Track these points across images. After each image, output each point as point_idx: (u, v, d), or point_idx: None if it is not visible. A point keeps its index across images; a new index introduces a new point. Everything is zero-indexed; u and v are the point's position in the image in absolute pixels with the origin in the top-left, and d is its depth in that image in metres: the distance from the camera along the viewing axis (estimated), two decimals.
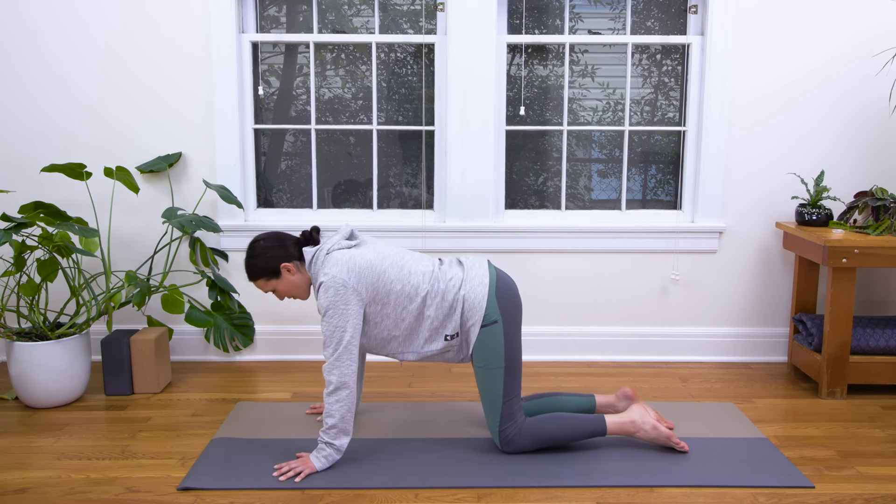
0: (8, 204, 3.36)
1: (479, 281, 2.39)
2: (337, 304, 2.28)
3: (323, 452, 2.34)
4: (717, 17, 3.26)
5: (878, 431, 2.70)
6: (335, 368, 2.29)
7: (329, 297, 2.28)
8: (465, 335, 2.40)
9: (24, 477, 2.33)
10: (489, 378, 2.39)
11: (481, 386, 2.42)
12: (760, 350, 3.50)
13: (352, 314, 2.30)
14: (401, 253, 2.43)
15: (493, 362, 2.38)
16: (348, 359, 2.29)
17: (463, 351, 2.44)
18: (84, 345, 2.94)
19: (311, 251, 2.41)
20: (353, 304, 2.30)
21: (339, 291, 2.28)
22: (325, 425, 2.33)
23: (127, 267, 3.43)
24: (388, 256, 2.38)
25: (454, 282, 2.39)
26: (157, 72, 3.28)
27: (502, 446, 2.45)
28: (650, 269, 3.45)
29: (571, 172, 3.51)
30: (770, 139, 3.37)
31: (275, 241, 2.42)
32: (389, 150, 3.48)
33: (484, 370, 2.40)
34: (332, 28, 3.38)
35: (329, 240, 2.41)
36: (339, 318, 2.29)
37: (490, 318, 2.37)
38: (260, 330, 3.47)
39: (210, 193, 3.37)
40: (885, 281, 3.46)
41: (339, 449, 2.34)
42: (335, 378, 2.29)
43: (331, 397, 2.31)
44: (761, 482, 2.29)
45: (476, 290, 2.37)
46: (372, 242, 2.45)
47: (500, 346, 2.38)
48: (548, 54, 3.42)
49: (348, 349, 2.29)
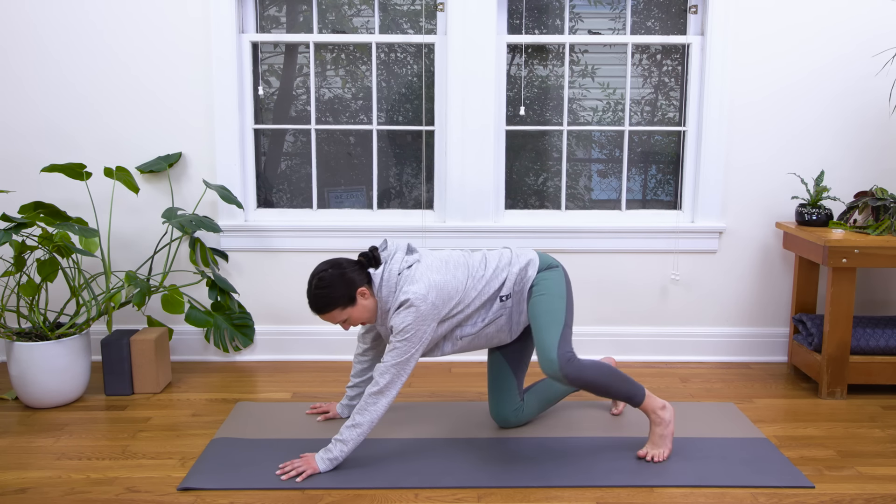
0: (8, 204, 3.37)
1: (526, 249, 2.55)
2: (419, 321, 2.29)
3: (331, 454, 2.32)
4: (717, 18, 3.26)
5: (878, 431, 2.70)
6: (388, 373, 2.30)
7: (412, 315, 2.29)
8: (516, 293, 2.44)
9: (24, 477, 2.33)
10: (550, 302, 2.40)
11: (541, 309, 2.39)
12: (760, 350, 3.50)
13: (427, 332, 2.32)
14: (461, 256, 2.49)
15: (558, 290, 2.42)
16: (405, 371, 2.32)
17: (514, 314, 2.46)
18: (84, 345, 2.94)
19: (378, 273, 2.37)
20: (431, 322, 2.32)
21: (420, 309, 2.29)
22: (351, 420, 2.32)
23: (127, 267, 3.43)
24: (457, 266, 2.44)
25: (505, 256, 2.49)
26: (157, 72, 3.28)
27: (563, 367, 2.30)
28: (650, 269, 3.45)
29: (571, 172, 3.51)
30: (770, 139, 3.37)
31: (340, 268, 2.37)
32: (389, 150, 3.48)
33: (546, 297, 2.40)
34: (332, 28, 3.38)
35: (392, 259, 2.39)
36: (415, 334, 2.30)
37: (552, 265, 2.48)
38: (260, 330, 3.47)
39: (210, 193, 3.37)
40: (885, 281, 3.46)
41: (346, 442, 2.31)
42: (384, 381, 2.30)
43: (372, 397, 2.31)
44: (761, 482, 2.29)
45: (526, 252, 2.51)
46: (430, 254, 2.48)
47: (562, 283, 2.44)
48: (548, 54, 3.42)
49: (409, 363, 2.32)
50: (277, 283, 3.45)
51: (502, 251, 2.52)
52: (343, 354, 3.48)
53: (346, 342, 3.48)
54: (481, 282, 2.42)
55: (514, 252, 2.52)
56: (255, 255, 3.43)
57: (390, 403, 2.34)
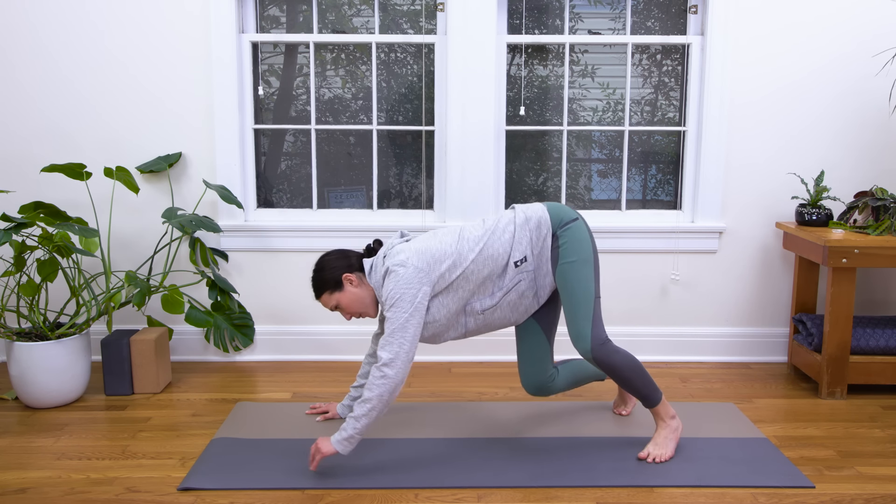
0: (8, 204, 3.37)
1: (530, 205, 2.41)
2: (403, 285, 2.24)
3: (345, 433, 2.21)
4: (716, 18, 3.26)
5: (878, 431, 2.71)
6: (387, 345, 2.22)
7: (393, 281, 2.25)
8: (537, 255, 2.34)
9: (24, 477, 2.33)
10: (580, 272, 2.31)
11: (571, 285, 2.32)
12: (760, 350, 3.50)
13: (418, 296, 2.25)
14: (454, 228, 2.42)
15: (583, 254, 2.31)
16: (406, 341, 2.22)
17: (537, 280, 2.36)
18: (84, 345, 2.94)
19: (369, 261, 2.39)
20: (420, 286, 2.25)
21: (400, 273, 2.25)
22: (361, 399, 2.23)
23: (127, 267, 3.43)
24: (445, 233, 2.38)
25: (507, 215, 2.39)
26: (157, 72, 3.28)
27: (595, 349, 2.31)
28: (650, 269, 3.45)
29: (571, 172, 3.51)
30: (770, 139, 3.37)
31: (339, 254, 2.42)
32: (389, 150, 3.48)
33: (574, 265, 2.31)
34: (332, 28, 3.38)
35: (384, 248, 2.39)
36: (402, 298, 2.23)
37: (567, 219, 2.35)
38: (260, 330, 3.47)
39: (210, 193, 3.37)
40: (885, 281, 3.46)
41: (361, 429, 2.22)
42: (385, 355, 2.21)
43: (377, 370, 2.22)
44: (761, 482, 2.29)
45: (533, 208, 2.39)
46: (423, 235, 2.43)
47: (587, 240, 2.34)
48: (548, 54, 3.42)
49: (405, 330, 2.22)
50: (277, 283, 3.45)
51: (505, 212, 2.43)
52: (343, 354, 3.48)
53: (347, 342, 3.48)
54: (479, 243, 2.32)
55: (518, 211, 2.40)
56: (255, 255, 3.43)
57: (400, 380, 2.21)
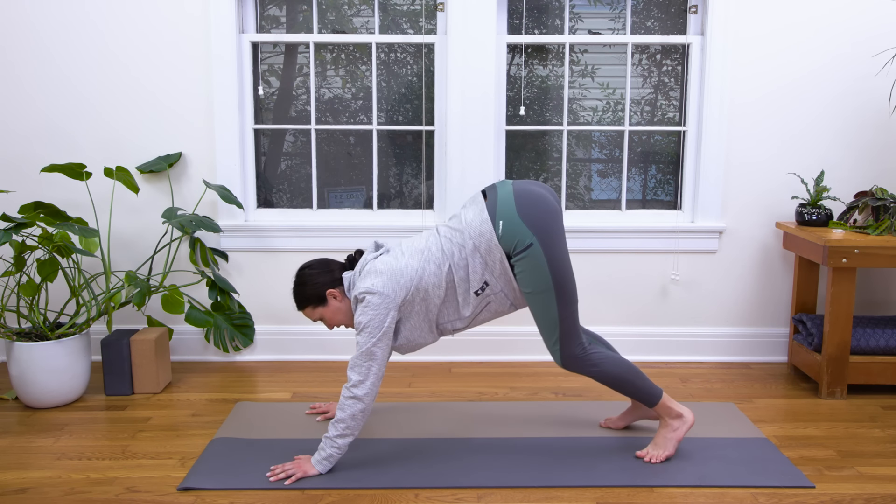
0: (8, 204, 3.37)
1: (479, 221, 2.27)
2: (370, 312, 2.24)
3: (324, 453, 2.31)
4: (716, 17, 3.26)
5: (878, 431, 2.71)
6: (355, 368, 2.26)
7: (360, 310, 2.26)
8: (498, 277, 2.30)
9: (24, 477, 2.33)
10: (540, 302, 2.29)
11: (534, 311, 2.32)
12: (760, 350, 3.50)
13: (385, 322, 2.25)
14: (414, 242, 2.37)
15: (540, 285, 2.27)
16: (374, 365, 2.25)
17: (508, 295, 2.33)
18: (84, 345, 2.94)
19: (348, 276, 2.38)
20: (387, 311, 2.25)
21: (374, 301, 2.24)
22: (335, 418, 2.29)
23: (127, 267, 3.43)
24: (411, 252, 2.33)
25: (456, 239, 2.30)
26: (157, 72, 3.28)
27: (563, 362, 2.35)
28: (650, 269, 3.45)
29: (571, 172, 3.51)
30: (770, 139, 3.37)
31: (321, 267, 2.39)
32: (389, 150, 3.48)
33: (533, 295, 2.29)
34: (332, 28, 3.38)
35: (360, 263, 2.38)
36: (369, 323, 2.25)
37: (522, 244, 2.23)
38: (260, 330, 3.47)
39: (210, 193, 3.37)
40: (885, 281, 3.46)
41: (340, 447, 2.30)
42: (354, 377, 2.26)
43: (346, 391, 2.26)
44: (761, 482, 2.29)
45: (480, 230, 2.25)
46: (396, 247, 2.40)
47: (544, 267, 2.25)
48: (548, 54, 3.42)
49: (373, 356, 2.25)
50: (277, 283, 3.45)
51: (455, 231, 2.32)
52: (343, 354, 3.48)
53: (347, 342, 3.48)
54: (441, 268, 2.30)
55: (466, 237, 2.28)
56: (255, 255, 3.43)
57: (370, 400, 2.25)
